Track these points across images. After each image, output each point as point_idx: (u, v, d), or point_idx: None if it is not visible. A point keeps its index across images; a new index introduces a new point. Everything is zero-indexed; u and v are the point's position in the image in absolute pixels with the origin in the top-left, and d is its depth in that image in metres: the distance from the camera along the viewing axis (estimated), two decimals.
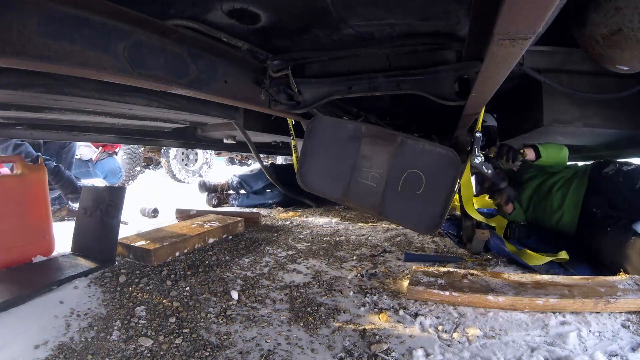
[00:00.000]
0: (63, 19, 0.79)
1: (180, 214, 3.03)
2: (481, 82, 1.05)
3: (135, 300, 1.41)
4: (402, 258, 1.92)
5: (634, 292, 1.30)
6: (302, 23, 1.21)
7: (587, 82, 1.84)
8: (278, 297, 1.47)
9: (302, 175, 1.53)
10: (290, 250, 2.11)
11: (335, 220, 3.01)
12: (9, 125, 1.91)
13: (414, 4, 1.06)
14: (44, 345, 1.11)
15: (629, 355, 1.04)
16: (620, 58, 1.31)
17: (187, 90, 1.17)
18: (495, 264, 1.81)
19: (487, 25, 0.76)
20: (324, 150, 1.51)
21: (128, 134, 2.40)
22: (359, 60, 1.51)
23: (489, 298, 1.31)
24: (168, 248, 1.89)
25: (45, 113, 1.59)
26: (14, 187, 1.78)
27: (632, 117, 1.92)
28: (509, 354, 1.06)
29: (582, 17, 1.34)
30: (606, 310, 1.25)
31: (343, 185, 1.49)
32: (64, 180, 3.04)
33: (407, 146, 1.41)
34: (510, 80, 1.18)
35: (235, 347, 1.12)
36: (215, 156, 7.43)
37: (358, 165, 1.47)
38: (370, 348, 1.10)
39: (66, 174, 3.08)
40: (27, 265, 1.73)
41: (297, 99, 1.59)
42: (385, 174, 1.43)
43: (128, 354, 1.07)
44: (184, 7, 1.08)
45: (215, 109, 1.83)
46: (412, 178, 1.41)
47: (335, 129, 1.50)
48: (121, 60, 0.92)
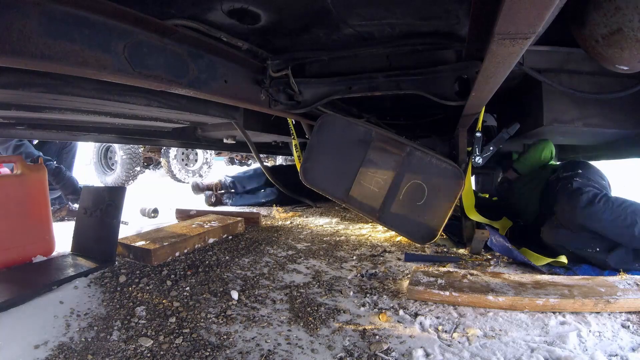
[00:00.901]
0: (63, 19, 0.79)
1: (180, 214, 3.03)
2: (481, 82, 1.05)
3: (135, 300, 1.41)
4: (402, 258, 1.92)
5: (634, 292, 1.30)
6: (302, 23, 1.21)
7: (587, 82, 1.84)
8: (278, 297, 1.47)
9: (305, 170, 1.53)
10: (290, 250, 2.11)
11: (335, 220, 3.01)
12: (9, 125, 1.91)
13: (414, 4, 1.06)
14: (44, 345, 1.11)
15: (628, 355, 1.04)
16: (620, 58, 1.31)
17: (187, 90, 1.17)
18: (496, 264, 1.81)
19: (487, 24, 0.76)
20: (330, 149, 1.51)
21: (128, 133, 2.40)
22: (359, 60, 1.51)
23: (489, 298, 1.31)
24: (168, 248, 1.89)
25: (45, 113, 1.59)
26: (14, 187, 1.78)
27: (632, 117, 1.92)
28: (509, 353, 1.06)
29: (582, 17, 1.34)
30: (606, 310, 1.25)
31: (346, 185, 1.49)
32: (65, 181, 3.04)
33: (414, 157, 1.41)
34: (510, 80, 1.18)
35: (235, 347, 1.12)
36: (215, 156, 7.43)
37: (363, 169, 1.47)
38: (370, 348, 1.10)
39: (67, 174, 3.10)
40: (27, 265, 1.73)
41: (297, 98, 1.59)
42: (389, 181, 1.43)
43: (128, 354, 1.07)
44: (184, 7, 1.08)
45: (215, 109, 1.83)
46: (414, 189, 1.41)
47: (345, 129, 1.50)
48: (121, 60, 0.92)
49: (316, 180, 1.55)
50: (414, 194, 1.42)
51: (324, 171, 1.53)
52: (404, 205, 1.43)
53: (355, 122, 1.53)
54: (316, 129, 1.51)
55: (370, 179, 1.49)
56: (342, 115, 1.59)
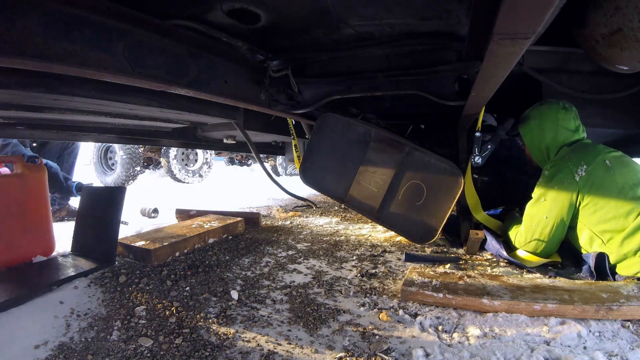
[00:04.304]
0: (63, 19, 0.79)
1: (180, 214, 3.03)
2: (481, 82, 1.05)
3: (135, 300, 1.41)
4: (402, 258, 1.92)
5: (638, 299, 1.25)
6: (302, 23, 1.21)
7: (587, 82, 1.84)
8: (278, 297, 1.47)
9: (304, 169, 1.53)
10: (291, 250, 2.11)
11: (335, 220, 3.01)
12: (9, 125, 1.91)
13: (414, 4, 1.06)
14: (44, 345, 1.11)
15: (628, 355, 1.04)
16: (620, 58, 1.31)
17: (187, 90, 1.17)
18: (496, 264, 1.81)
19: (487, 24, 0.76)
20: (330, 148, 1.51)
21: (128, 133, 2.40)
22: (359, 60, 1.51)
23: (484, 301, 1.29)
24: (168, 248, 1.89)
25: (45, 113, 1.59)
26: (14, 187, 1.78)
27: (632, 117, 1.92)
28: (509, 353, 1.06)
29: (582, 17, 1.34)
30: (608, 317, 1.21)
31: (345, 185, 1.49)
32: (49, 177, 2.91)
33: (413, 157, 1.41)
34: (510, 80, 1.18)
35: (235, 347, 1.12)
36: (215, 156, 7.43)
37: (362, 168, 1.47)
38: (370, 348, 1.10)
39: (52, 170, 2.84)
40: (27, 265, 1.73)
41: (297, 99, 1.59)
42: (388, 181, 1.43)
43: (128, 354, 1.07)
44: (184, 7, 1.08)
45: (215, 109, 1.83)
46: (413, 188, 1.41)
47: (345, 128, 1.50)
48: (121, 60, 0.92)
49: (315, 180, 1.55)
50: (413, 194, 1.42)
51: (323, 171, 1.53)
52: (402, 205, 1.44)
53: (354, 122, 1.53)
54: (316, 129, 1.51)
55: (369, 179, 1.49)
56: (342, 115, 1.59)
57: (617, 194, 1.53)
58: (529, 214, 1.72)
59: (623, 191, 1.53)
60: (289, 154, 3.92)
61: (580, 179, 1.58)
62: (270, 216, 3.24)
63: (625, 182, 1.55)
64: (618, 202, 1.52)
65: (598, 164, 1.59)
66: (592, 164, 1.59)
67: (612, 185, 1.55)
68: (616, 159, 1.62)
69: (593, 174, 1.57)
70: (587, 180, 1.57)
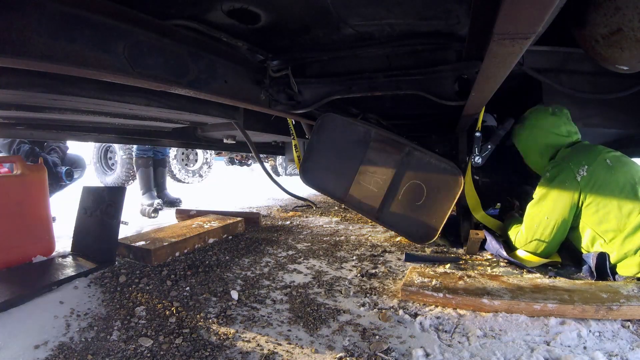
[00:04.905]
0: (63, 19, 0.79)
1: (180, 214, 3.02)
2: (481, 82, 1.05)
3: (135, 300, 1.41)
4: (402, 258, 1.92)
5: (638, 299, 1.25)
6: (302, 23, 1.21)
7: (587, 82, 1.84)
8: (278, 297, 1.47)
9: (304, 169, 1.53)
10: (291, 250, 2.11)
11: (335, 220, 3.01)
12: (9, 125, 1.91)
13: (414, 4, 1.06)
14: (44, 345, 1.11)
15: (628, 355, 1.04)
16: (620, 58, 1.31)
17: (187, 90, 1.17)
18: (496, 264, 1.81)
19: (487, 24, 0.76)
20: (330, 148, 1.51)
21: (128, 133, 2.40)
22: (359, 60, 1.51)
23: (484, 301, 1.29)
24: (168, 248, 1.89)
25: (45, 113, 1.59)
26: (14, 187, 1.78)
27: (632, 117, 1.92)
28: (509, 353, 1.06)
29: (582, 17, 1.34)
30: (608, 317, 1.21)
31: (345, 185, 1.49)
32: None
33: (413, 157, 1.41)
34: (510, 80, 1.18)
35: (235, 347, 1.12)
36: (215, 156, 7.42)
37: (363, 168, 1.47)
38: (370, 348, 1.10)
39: (43, 157, 2.75)
40: (27, 265, 1.73)
41: (297, 99, 1.59)
42: (388, 181, 1.43)
43: (128, 354, 1.07)
44: (184, 7, 1.08)
45: (215, 109, 1.83)
46: (413, 188, 1.41)
47: (345, 128, 1.50)
48: (121, 60, 0.92)
49: (315, 180, 1.55)
50: (413, 194, 1.42)
51: (323, 171, 1.53)
52: (402, 205, 1.43)
53: (354, 122, 1.53)
54: (316, 129, 1.51)
55: (369, 179, 1.49)
56: (342, 115, 1.59)
57: (619, 193, 1.53)
58: (530, 214, 1.72)
59: (624, 190, 1.53)
60: (289, 154, 3.91)
61: (582, 179, 1.58)
62: (270, 216, 3.24)
63: (626, 181, 1.55)
64: (620, 201, 1.52)
65: (599, 163, 1.60)
66: (593, 164, 1.59)
67: (614, 185, 1.55)
68: (616, 159, 1.62)
69: (595, 173, 1.58)
70: (589, 180, 1.58)
